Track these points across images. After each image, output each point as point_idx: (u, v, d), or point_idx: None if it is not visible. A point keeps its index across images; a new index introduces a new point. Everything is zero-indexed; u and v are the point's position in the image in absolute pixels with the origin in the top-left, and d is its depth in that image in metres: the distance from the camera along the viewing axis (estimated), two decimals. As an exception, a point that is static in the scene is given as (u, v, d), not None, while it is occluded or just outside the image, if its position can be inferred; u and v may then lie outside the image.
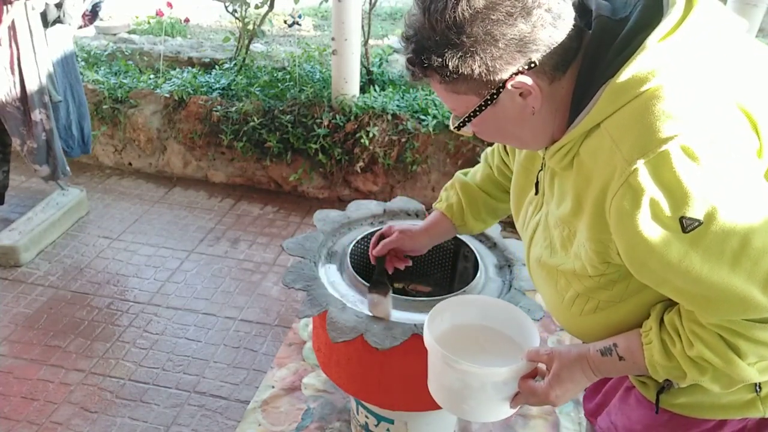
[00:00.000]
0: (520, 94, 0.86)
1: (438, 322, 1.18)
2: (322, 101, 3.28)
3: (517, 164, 1.13)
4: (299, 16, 5.28)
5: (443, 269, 1.81)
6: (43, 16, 2.63)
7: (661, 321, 0.90)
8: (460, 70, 0.83)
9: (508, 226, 3.45)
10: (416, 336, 1.33)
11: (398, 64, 3.92)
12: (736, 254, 0.75)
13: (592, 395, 1.23)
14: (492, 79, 0.83)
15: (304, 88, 3.37)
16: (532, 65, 0.82)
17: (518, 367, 1.03)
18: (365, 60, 3.52)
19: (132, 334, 2.40)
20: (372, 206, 1.85)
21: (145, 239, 3.03)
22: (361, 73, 3.37)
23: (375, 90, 3.42)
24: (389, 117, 3.19)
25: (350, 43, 3.13)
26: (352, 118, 3.21)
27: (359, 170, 3.28)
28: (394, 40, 4.85)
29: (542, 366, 1.04)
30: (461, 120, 0.91)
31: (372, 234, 1.74)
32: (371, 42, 3.68)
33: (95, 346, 2.34)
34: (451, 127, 0.95)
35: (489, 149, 1.36)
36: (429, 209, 1.86)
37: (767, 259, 0.76)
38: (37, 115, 2.67)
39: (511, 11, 0.79)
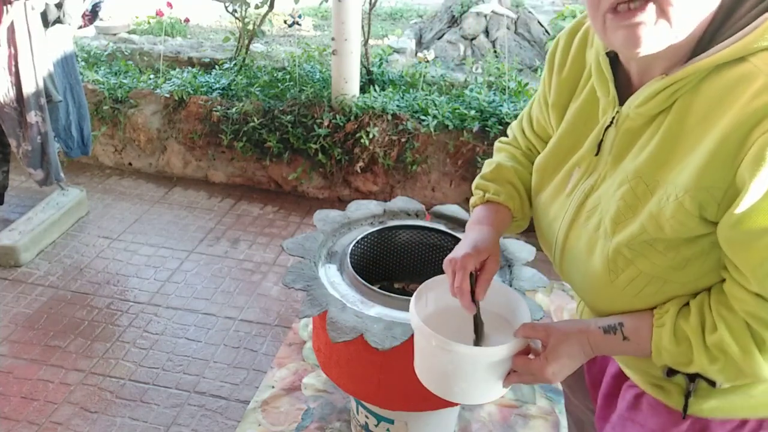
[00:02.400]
0: None
1: (423, 302, 1.12)
2: (322, 101, 3.28)
3: (565, 123, 0.99)
4: (299, 16, 5.28)
5: (443, 269, 1.81)
6: (43, 16, 2.63)
7: (685, 304, 0.84)
8: None
9: (508, 226, 3.41)
10: (416, 336, 1.33)
11: (398, 64, 3.93)
12: None
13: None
14: None
15: (304, 88, 3.37)
16: None
17: (513, 345, 0.97)
18: (365, 60, 3.52)
19: (132, 334, 2.40)
20: (372, 206, 1.85)
21: (145, 239, 3.03)
22: (361, 73, 3.37)
23: (375, 90, 3.42)
24: (389, 117, 3.19)
25: (350, 43, 3.13)
26: (352, 118, 3.21)
27: (359, 170, 3.29)
28: (394, 40, 4.85)
29: (534, 343, 0.98)
30: None
31: (372, 234, 1.74)
32: (371, 42, 3.69)
33: (95, 346, 2.34)
34: None
35: (510, 132, 1.22)
36: (429, 209, 1.86)
37: None
38: (32, 117, 2.66)
39: None
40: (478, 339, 1.06)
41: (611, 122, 0.89)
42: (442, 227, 1.77)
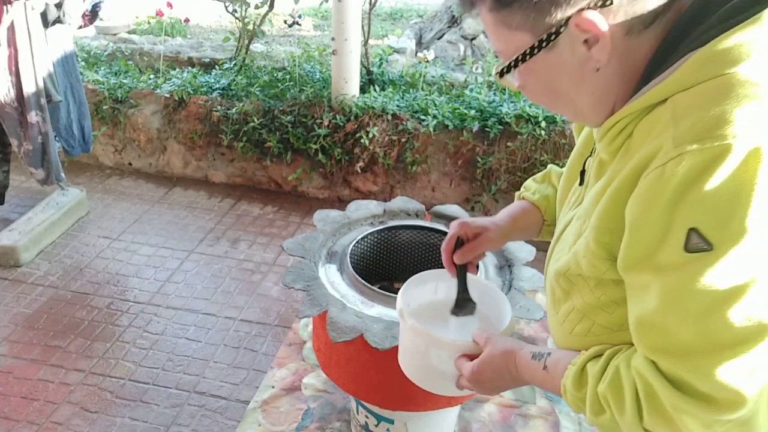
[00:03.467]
0: (585, 41, 0.68)
1: (431, 288, 1.18)
2: (322, 101, 3.28)
3: (574, 149, 0.96)
4: (299, 16, 5.29)
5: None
6: (43, 16, 2.63)
7: (603, 353, 0.78)
8: None
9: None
10: (416, 336, 1.33)
11: (398, 64, 3.93)
12: (717, 305, 0.62)
13: None
14: (553, 11, 0.67)
15: (304, 88, 3.37)
16: (608, 2, 0.65)
17: (460, 344, 0.98)
18: (365, 60, 3.52)
19: (132, 334, 2.40)
20: (372, 206, 1.85)
21: (145, 239, 3.03)
22: (361, 73, 3.37)
23: (375, 90, 3.42)
24: (389, 117, 3.19)
25: (350, 43, 3.13)
26: (352, 118, 3.21)
27: (359, 170, 3.29)
28: (394, 40, 4.85)
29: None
30: (507, 64, 0.74)
31: (372, 234, 1.74)
32: (371, 42, 3.68)
33: (95, 346, 2.34)
34: (493, 74, 0.78)
35: None
36: (429, 209, 1.86)
37: (744, 327, 0.61)
38: (33, 116, 2.67)
39: None
40: (457, 307, 1.10)
41: (590, 153, 0.87)
42: (442, 227, 1.77)
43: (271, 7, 3.58)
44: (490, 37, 0.75)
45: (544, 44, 0.70)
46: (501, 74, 0.76)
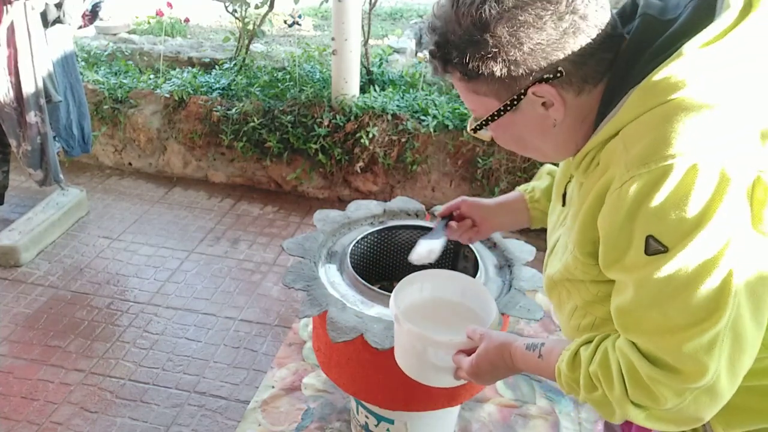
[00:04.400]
0: (543, 104, 0.81)
1: (417, 288, 1.27)
2: (322, 101, 3.28)
3: (556, 176, 1.08)
4: (299, 16, 5.28)
5: (444, 266, 1.80)
6: (43, 16, 2.63)
7: (593, 339, 0.88)
8: (481, 70, 0.79)
9: (508, 226, 3.40)
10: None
11: (398, 64, 3.93)
12: (676, 293, 0.73)
13: None
14: (513, 84, 0.79)
15: (304, 88, 3.37)
16: (558, 74, 0.77)
17: (456, 341, 1.08)
18: (365, 60, 3.52)
19: (132, 334, 2.40)
20: (372, 206, 1.85)
21: (145, 239, 3.03)
22: (361, 73, 3.37)
23: (375, 90, 3.42)
24: (389, 117, 3.19)
25: (350, 43, 3.13)
26: (352, 118, 3.21)
27: (359, 170, 3.29)
28: (394, 40, 4.85)
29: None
30: (478, 123, 0.87)
31: (372, 234, 1.75)
32: (371, 42, 3.68)
33: (95, 346, 2.33)
34: (468, 129, 0.91)
35: None
36: (429, 209, 1.86)
37: (700, 310, 0.72)
38: (32, 117, 2.66)
39: (541, 14, 0.74)
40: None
41: (570, 178, 0.99)
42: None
43: (271, 7, 3.58)
44: (463, 98, 0.88)
45: (508, 108, 0.83)
46: (474, 131, 0.89)
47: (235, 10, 3.70)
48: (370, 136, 3.16)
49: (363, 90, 3.42)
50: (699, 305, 0.72)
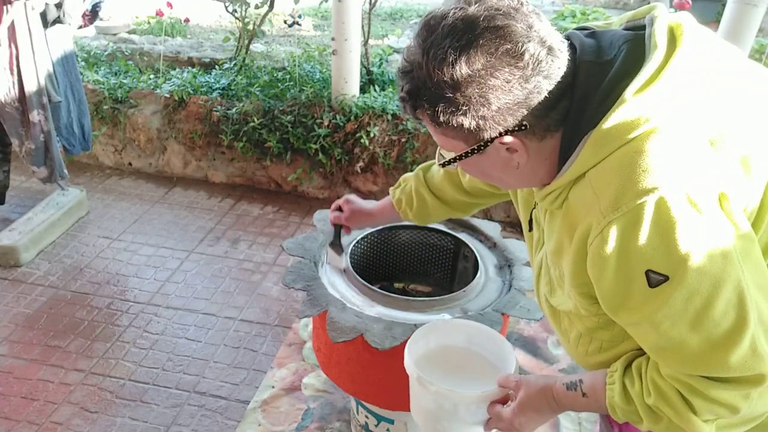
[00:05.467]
0: (507, 149, 0.86)
1: (423, 343, 1.22)
2: (322, 101, 3.28)
3: (520, 197, 1.12)
4: (299, 16, 5.28)
5: (443, 269, 1.81)
6: (43, 16, 2.63)
7: (629, 365, 0.91)
8: (451, 122, 0.82)
9: (508, 226, 3.44)
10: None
11: (398, 64, 3.92)
12: (699, 314, 0.76)
13: None
14: (480, 134, 0.83)
15: (304, 88, 3.37)
16: (523, 127, 0.82)
17: (488, 393, 1.05)
18: (365, 60, 3.52)
19: (132, 334, 2.40)
20: (372, 206, 1.84)
21: (145, 239, 3.03)
22: (361, 73, 3.37)
23: (375, 90, 3.42)
24: (389, 117, 3.19)
25: (350, 43, 3.13)
26: (352, 118, 3.21)
27: (359, 170, 3.29)
28: (393, 40, 4.85)
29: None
30: (447, 160, 0.92)
31: (372, 234, 1.75)
32: (371, 42, 3.68)
33: (95, 346, 2.33)
34: (437, 163, 0.95)
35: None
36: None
37: (727, 320, 0.76)
38: (35, 116, 2.67)
39: (509, 78, 0.78)
40: (331, 245, 1.58)
41: (534, 205, 1.03)
42: (442, 227, 1.77)
43: (271, 7, 3.58)
44: (432, 135, 0.92)
45: (475, 151, 0.87)
46: (443, 165, 0.94)
47: (235, 10, 3.70)
48: (370, 136, 3.16)
49: (363, 90, 3.42)
50: (724, 316, 0.75)
